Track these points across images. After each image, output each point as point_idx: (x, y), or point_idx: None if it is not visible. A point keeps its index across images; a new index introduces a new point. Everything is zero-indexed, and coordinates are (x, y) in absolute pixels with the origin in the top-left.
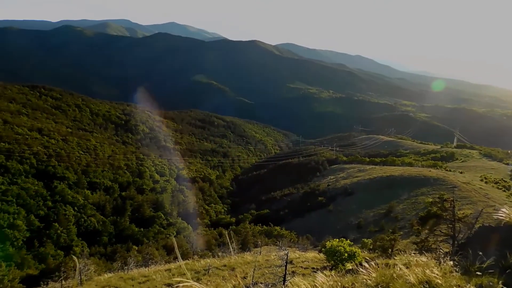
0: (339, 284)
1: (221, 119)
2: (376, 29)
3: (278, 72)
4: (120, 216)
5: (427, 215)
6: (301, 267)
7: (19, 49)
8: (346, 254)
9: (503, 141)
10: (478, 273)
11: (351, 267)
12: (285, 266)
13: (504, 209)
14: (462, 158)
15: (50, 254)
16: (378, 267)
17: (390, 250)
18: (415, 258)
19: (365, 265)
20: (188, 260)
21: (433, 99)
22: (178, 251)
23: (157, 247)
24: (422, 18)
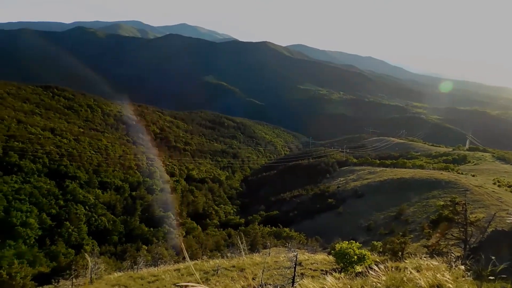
0: (348, 286)
1: (231, 120)
2: (386, 31)
3: (289, 73)
4: (130, 215)
5: (438, 218)
6: (310, 269)
7: (33, 50)
8: (355, 257)
9: None
10: (490, 277)
11: (360, 270)
12: (294, 267)
13: None
14: (474, 161)
15: (61, 252)
16: (388, 270)
17: (400, 253)
18: (426, 262)
19: (375, 268)
20: (197, 261)
21: (446, 101)
22: (186, 252)
23: (167, 247)
24: (423, 18)
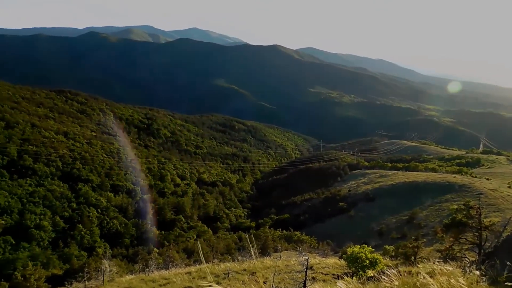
0: None
1: (241, 123)
2: (396, 32)
3: (299, 76)
4: (142, 218)
5: (452, 223)
6: (322, 273)
7: (47, 55)
8: (367, 261)
9: None
10: (507, 283)
11: (372, 275)
12: (305, 271)
13: None
14: (488, 164)
15: (74, 255)
16: (400, 275)
17: (413, 257)
18: (440, 267)
19: (387, 272)
20: (208, 264)
21: (459, 104)
22: (202, 254)
23: (178, 250)
24: (425, 18)
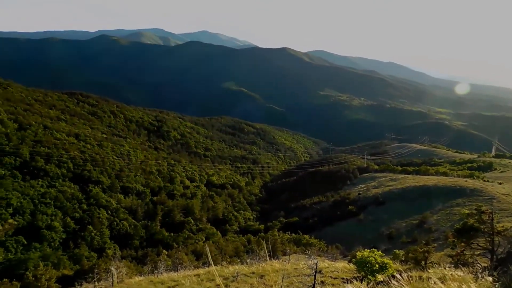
0: None
1: (251, 126)
2: (409, 36)
3: (309, 79)
4: (151, 220)
5: (463, 227)
6: (331, 277)
7: (60, 58)
8: (377, 265)
9: None
10: None
11: (382, 279)
12: (315, 275)
13: None
14: (501, 168)
15: (84, 256)
16: (411, 280)
17: (423, 262)
18: (451, 272)
19: (398, 277)
20: (217, 266)
21: (470, 107)
22: (210, 256)
23: (187, 252)
24: (437, 21)
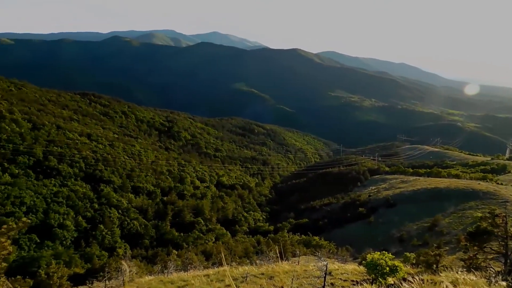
0: None
1: (261, 127)
2: (421, 37)
3: (319, 80)
4: (162, 220)
5: (476, 231)
6: (340, 279)
7: (73, 59)
8: (387, 268)
9: None
10: None
11: (392, 282)
12: (324, 277)
13: None
14: None
15: (96, 255)
16: (422, 283)
17: (435, 266)
18: (463, 276)
19: (409, 280)
20: (227, 267)
21: (483, 108)
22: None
23: (196, 252)
24: (450, 22)
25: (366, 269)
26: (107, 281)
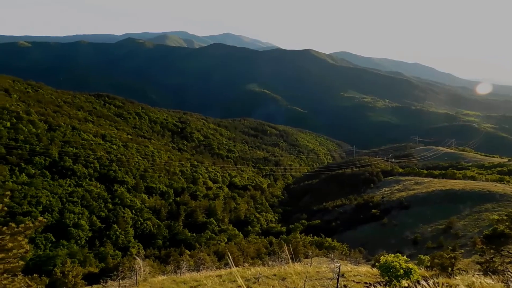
0: None
1: (273, 128)
2: (436, 36)
3: (332, 80)
4: (174, 220)
5: (493, 233)
6: (353, 281)
7: (87, 61)
8: (401, 271)
9: None
10: None
11: (406, 285)
12: (337, 279)
13: None
14: None
15: (110, 254)
16: (437, 286)
17: (450, 269)
18: (480, 280)
19: (423, 283)
20: (239, 268)
21: (500, 109)
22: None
23: (209, 252)
24: (466, 21)
25: (379, 271)
26: (120, 280)
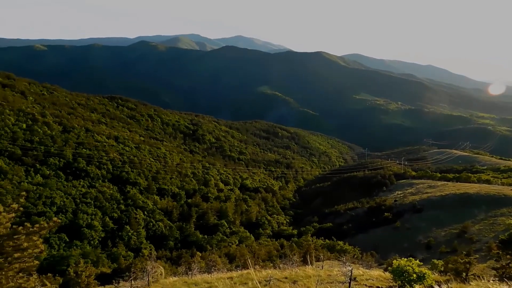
0: None
1: (285, 130)
2: (450, 38)
3: (344, 83)
4: (186, 222)
5: (509, 239)
6: (365, 285)
7: (101, 63)
8: (414, 275)
9: None
10: None
11: None
12: (349, 282)
13: None
14: None
15: (122, 255)
16: None
17: (464, 274)
18: (495, 286)
19: None
20: (250, 270)
21: None
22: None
23: (220, 254)
24: (481, 23)
25: (392, 276)
26: (132, 281)
